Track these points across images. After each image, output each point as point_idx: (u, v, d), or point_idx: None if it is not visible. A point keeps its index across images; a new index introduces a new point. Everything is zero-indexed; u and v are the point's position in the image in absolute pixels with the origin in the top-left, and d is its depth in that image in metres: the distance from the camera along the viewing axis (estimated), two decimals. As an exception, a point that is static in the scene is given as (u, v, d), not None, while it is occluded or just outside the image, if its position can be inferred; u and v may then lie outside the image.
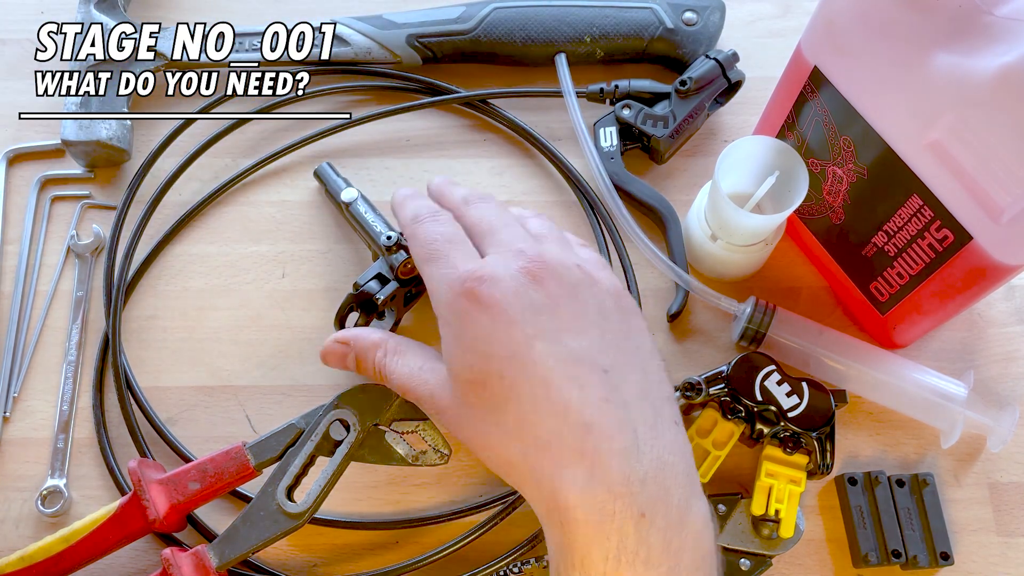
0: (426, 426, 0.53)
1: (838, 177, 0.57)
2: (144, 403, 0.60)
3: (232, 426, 0.60)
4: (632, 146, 0.68)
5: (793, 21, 0.75)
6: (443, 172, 0.69)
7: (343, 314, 0.59)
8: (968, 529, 0.58)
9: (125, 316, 0.63)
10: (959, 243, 0.50)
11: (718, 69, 0.67)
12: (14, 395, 0.60)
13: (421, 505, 0.58)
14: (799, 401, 0.56)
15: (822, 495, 0.59)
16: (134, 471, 0.52)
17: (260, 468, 0.53)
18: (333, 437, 0.53)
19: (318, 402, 0.54)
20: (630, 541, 0.38)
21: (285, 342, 0.62)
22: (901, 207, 0.52)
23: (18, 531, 0.57)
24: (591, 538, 0.38)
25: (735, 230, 0.59)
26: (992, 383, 0.62)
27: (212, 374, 0.61)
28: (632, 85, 0.68)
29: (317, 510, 0.52)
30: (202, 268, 0.65)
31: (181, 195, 0.67)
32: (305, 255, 0.65)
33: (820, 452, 0.56)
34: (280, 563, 0.56)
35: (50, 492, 0.57)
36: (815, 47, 0.53)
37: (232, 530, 0.51)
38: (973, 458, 0.60)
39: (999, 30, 0.44)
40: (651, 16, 0.70)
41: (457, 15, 0.70)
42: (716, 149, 0.68)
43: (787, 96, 0.57)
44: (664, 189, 0.67)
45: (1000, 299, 0.65)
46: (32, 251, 0.65)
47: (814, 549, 0.57)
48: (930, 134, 0.48)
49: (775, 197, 0.59)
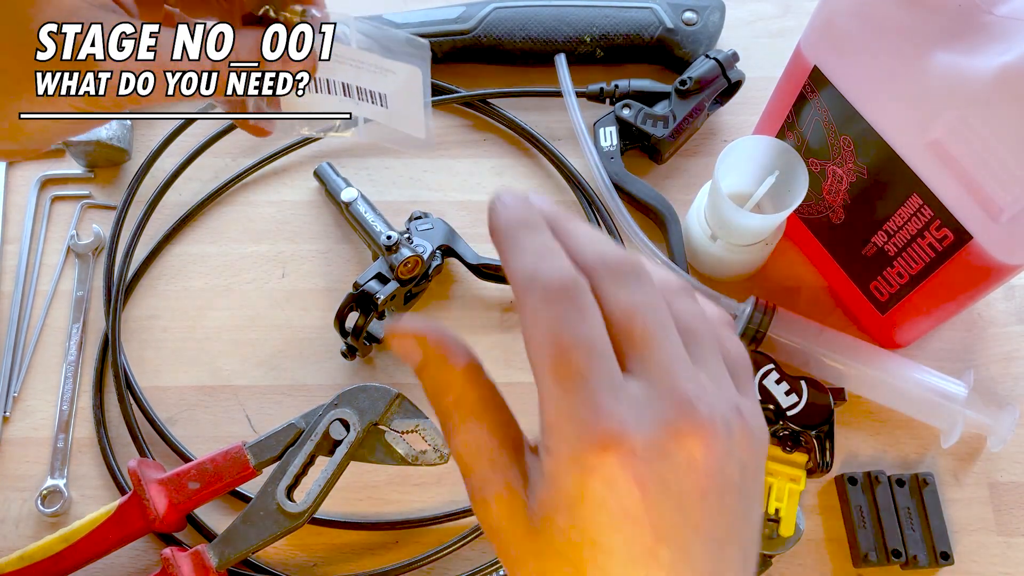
0: (426, 426, 0.53)
1: (838, 177, 0.57)
2: (144, 403, 0.60)
3: (232, 426, 0.60)
4: (632, 146, 0.68)
5: (793, 21, 0.75)
6: (443, 172, 0.68)
7: (343, 314, 0.59)
8: (968, 529, 0.58)
9: (125, 316, 0.63)
10: (959, 243, 0.50)
11: (718, 69, 0.67)
12: (14, 395, 0.60)
13: (421, 505, 0.58)
14: (798, 400, 0.56)
15: (822, 495, 0.59)
16: (134, 471, 0.52)
17: (260, 468, 0.53)
18: (333, 437, 0.53)
19: (318, 402, 0.54)
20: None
21: (285, 342, 0.62)
22: (901, 207, 0.52)
23: (18, 531, 0.57)
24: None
25: (735, 230, 0.59)
26: (992, 383, 0.62)
27: (212, 374, 0.61)
28: (632, 85, 0.68)
29: (317, 510, 0.52)
30: (202, 268, 0.65)
31: (181, 195, 0.67)
32: (305, 255, 0.65)
33: (819, 450, 0.56)
34: (280, 563, 0.56)
35: (50, 492, 0.57)
36: (815, 47, 0.53)
37: (232, 530, 0.51)
38: (973, 458, 0.60)
39: (999, 29, 0.44)
40: (651, 16, 0.70)
41: (457, 15, 0.70)
42: (716, 149, 0.68)
43: (787, 96, 0.57)
44: (664, 189, 0.67)
45: (1000, 299, 0.65)
46: (32, 251, 0.65)
47: (814, 548, 0.57)
48: (930, 133, 0.48)
49: (775, 197, 0.59)
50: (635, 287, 0.35)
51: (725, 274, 0.64)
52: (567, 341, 0.32)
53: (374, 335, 0.61)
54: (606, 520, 0.31)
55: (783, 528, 0.54)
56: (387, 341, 0.41)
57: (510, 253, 0.35)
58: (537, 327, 0.33)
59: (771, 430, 0.56)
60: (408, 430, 0.53)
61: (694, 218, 0.63)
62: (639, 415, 0.32)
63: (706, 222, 0.62)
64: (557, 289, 0.33)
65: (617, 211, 0.64)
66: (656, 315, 0.35)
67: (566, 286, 0.33)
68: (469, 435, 0.34)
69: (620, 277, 0.35)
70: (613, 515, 0.31)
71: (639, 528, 0.32)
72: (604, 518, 0.31)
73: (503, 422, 0.34)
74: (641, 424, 0.31)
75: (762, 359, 0.57)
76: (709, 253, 0.62)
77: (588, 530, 0.32)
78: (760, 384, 0.56)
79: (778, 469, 0.56)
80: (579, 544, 0.32)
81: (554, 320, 0.32)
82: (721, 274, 0.64)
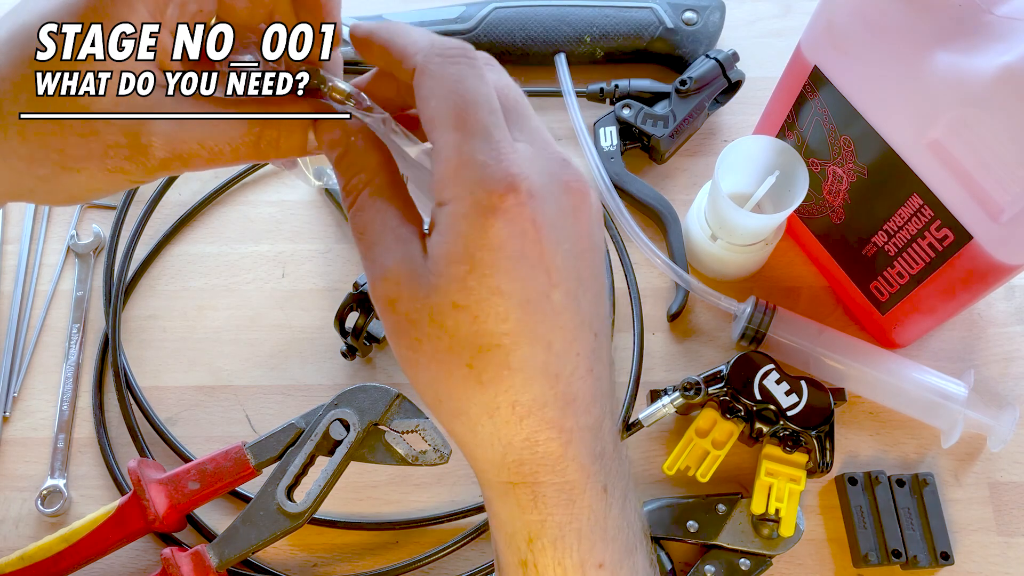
0: (426, 426, 0.53)
1: (838, 177, 0.57)
2: (144, 403, 0.60)
3: (232, 426, 0.60)
4: (632, 146, 0.68)
5: (793, 21, 0.75)
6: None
7: (343, 314, 0.59)
8: (968, 529, 0.58)
9: (125, 316, 0.63)
10: (959, 243, 0.50)
11: (718, 69, 0.67)
12: (14, 395, 0.60)
13: (421, 505, 0.58)
14: (798, 400, 0.56)
15: (822, 495, 0.59)
16: (134, 471, 0.52)
17: (260, 468, 0.53)
18: (333, 437, 0.53)
19: (318, 402, 0.54)
20: (599, 516, 0.37)
21: (285, 342, 0.62)
22: (901, 207, 0.52)
23: (18, 531, 0.57)
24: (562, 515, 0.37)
25: (735, 230, 0.59)
26: (992, 383, 0.62)
27: (212, 374, 0.61)
28: (632, 85, 0.68)
29: (317, 510, 0.52)
30: (202, 268, 0.65)
31: (181, 195, 0.67)
32: (305, 255, 0.65)
33: (820, 450, 0.56)
34: (280, 563, 0.56)
35: (50, 492, 0.57)
36: (815, 47, 0.53)
37: (232, 530, 0.51)
38: (973, 458, 0.60)
39: (999, 29, 0.44)
40: (651, 16, 0.70)
41: (457, 15, 0.70)
42: (716, 149, 0.68)
43: (787, 96, 0.57)
44: (664, 189, 0.67)
45: (1000, 299, 0.65)
46: (32, 251, 0.65)
47: (814, 549, 0.57)
48: (930, 133, 0.48)
49: (775, 197, 0.59)
50: (496, 68, 0.39)
51: (725, 274, 0.64)
52: (471, 97, 0.35)
53: (374, 335, 0.61)
54: (505, 263, 0.34)
55: (783, 528, 0.54)
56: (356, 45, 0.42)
57: (404, 36, 0.38)
58: (441, 86, 0.35)
59: (771, 430, 0.56)
60: (408, 430, 0.53)
61: (694, 218, 0.63)
62: (531, 166, 0.35)
63: (706, 222, 0.62)
64: (458, 53, 0.36)
65: (617, 211, 0.64)
66: (518, 91, 0.39)
67: (465, 51, 0.36)
68: (376, 212, 0.36)
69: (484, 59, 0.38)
70: (511, 257, 0.34)
71: (535, 271, 0.34)
72: (503, 261, 0.34)
73: (408, 204, 0.37)
74: (534, 173, 0.35)
75: (762, 359, 0.57)
76: (709, 253, 0.62)
77: (487, 275, 0.34)
78: (760, 384, 0.56)
79: (778, 470, 0.56)
80: (476, 290, 0.33)
81: (458, 79, 0.35)
82: (721, 274, 0.64)
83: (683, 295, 0.62)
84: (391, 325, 0.35)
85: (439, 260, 0.34)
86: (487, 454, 0.36)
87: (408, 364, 0.36)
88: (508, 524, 0.38)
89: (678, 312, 0.63)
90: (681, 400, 0.57)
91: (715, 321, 0.64)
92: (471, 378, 0.35)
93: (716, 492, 0.57)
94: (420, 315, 0.34)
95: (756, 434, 0.57)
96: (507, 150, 0.35)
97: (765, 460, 0.56)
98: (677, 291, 0.63)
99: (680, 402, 0.57)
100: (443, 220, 0.34)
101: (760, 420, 0.56)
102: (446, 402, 0.36)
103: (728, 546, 0.55)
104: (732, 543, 0.55)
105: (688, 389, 0.57)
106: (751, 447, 0.59)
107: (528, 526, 0.37)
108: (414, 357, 0.35)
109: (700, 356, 0.63)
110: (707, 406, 0.58)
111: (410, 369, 0.36)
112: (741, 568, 0.55)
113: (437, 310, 0.34)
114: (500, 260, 0.34)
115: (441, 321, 0.34)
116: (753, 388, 0.56)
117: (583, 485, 0.37)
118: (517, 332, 0.34)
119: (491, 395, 0.35)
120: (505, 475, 0.37)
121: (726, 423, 0.57)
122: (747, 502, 0.56)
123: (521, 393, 0.35)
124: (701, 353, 0.63)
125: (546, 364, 0.35)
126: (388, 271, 0.35)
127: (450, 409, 0.36)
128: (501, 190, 0.34)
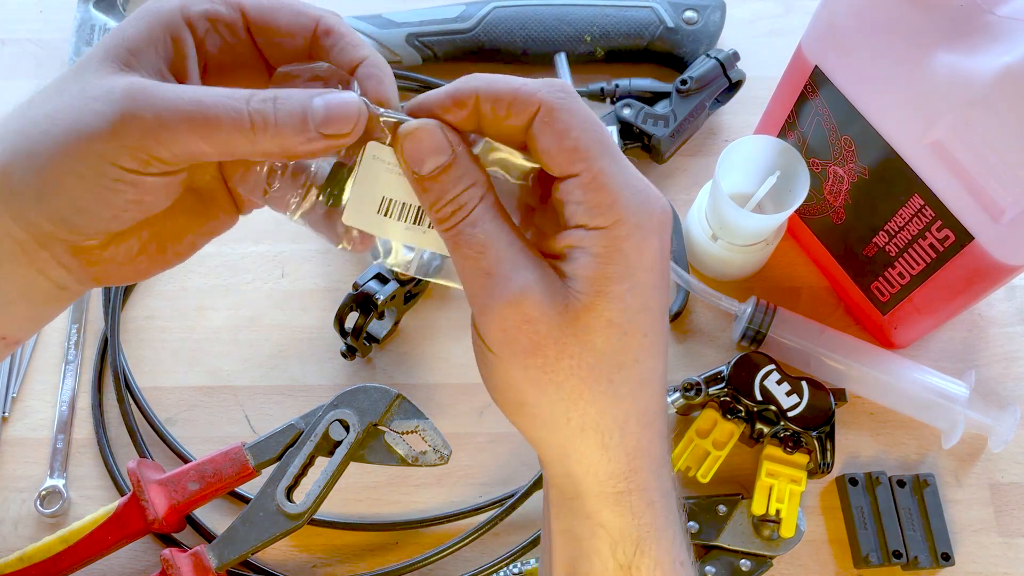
0: (426, 427, 0.53)
1: (839, 177, 0.56)
2: (143, 403, 0.59)
3: (232, 426, 0.60)
4: (632, 145, 0.68)
5: (794, 20, 0.75)
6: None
7: (343, 314, 0.59)
8: (969, 529, 0.58)
9: (124, 316, 0.63)
10: (960, 243, 0.50)
11: (719, 68, 0.67)
12: (13, 395, 0.60)
13: (421, 505, 0.58)
14: (799, 400, 0.56)
15: (823, 496, 0.59)
16: (133, 471, 0.52)
17: (259, 468, 0.53)
18: (333, 437, 0.53)
19: (318, 402, 0.54)
20: (678, 514, 0.40)
21: (285, 342, 0.62)
22: (902, 207, 0.52)
23: (17, 531, 0.56)
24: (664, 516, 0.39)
25: (736, 230, 0.59)
26: (993, 383, 0.62)
27: (211, 374, 0.61)
28: (632, 84, 0.68)
29: (316, 510, 0.52)
30: (201, 268, 0.65)
31: (180, 195, 0.67)
32: (305, 255, 0.65)
33: (820, 451, 0.56)
34: (280, 563, 0.56)
35: (49, 492, 0.57)
36: (816, 46, 0.53)
37: (231, 531, 0.51)
38: (974, 458, 0.60)
39: (1000, 30, 0.44)
40: (651, 15, 0.70)
41: (457, 14, 0.70)
42: (717, 149, 0.68)
43: (788, 96, 0.57)
44: (664, 189, 0.67)
45: (1001, 299, 0.65)
46: (31, 251, 0.65)
47: (815, 550, 0.57)
48: (931, 134, 0.47)
49: (776, 197, 0.59)
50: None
51: (726, 274, 0.64)
52: (604, 128, 0.37)
53: (374, 335, 0.61)
54: (656, 281, 0.36)
55: (784, 529, 0.54)
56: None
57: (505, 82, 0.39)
58: (577, 118, 0.36)
59: (772, 431, 0.56)
60: (408, 431, 0.53)
61: (695, 218, 0.63)
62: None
63: (707, 222, 0.62)
64: (566, 86, 0.37)
65: (617, 211, 0.64)
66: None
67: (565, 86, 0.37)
68: (497, 228, 0.36)
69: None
70: (661, 275, 0.36)
71: (664, 288, 0.37)
72: (656, 279, 0.36)
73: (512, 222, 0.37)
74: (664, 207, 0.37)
75: (763, 359, 0.57)
76: (710, 253, 0.62)
77: (641, 293, 0.35)
78: (761, 385, 0.56)
79: (779, 470, 0.56)
80: (631, 308, 0.35)
81: (587, 111, 0.37)
82: (722, 274, 0.64)
83: (683, 295, 0.62)
84: (518, 347, 0.35)
85: (595, 281, 0.35)
86: (608, 466, 0.37)
87: (531, 385, 0.36)
88: (616, 532, 0.38)
89: (678, 312, 0.62)
90: (682, 401, 0.57)
91: (715, 321, 0.64)
92: (608, 393, 0.36)
93: (717, 493, 0.57)
94: (562, 334, 0.35)
95: (757, 435, 0.57)
96: (643, 175, 0.38)
97: (766, 461, 0.56)
98: (677, 291, 0.63)
99: (681, 403, 0.57)
100: (599, 242, 0.35)
101: (761, 421, 0.56)
102: (575, 419, 0.36)
103: (729, 547, 0.55)
104: (733, 544, 0.55)
105: (689, 389, 0.57)
106: (752, 448, 0.59)
107: (639, 530, 0.38)
108: (544, 378, 0.35)
109: (700, 356, 0.63)
110: (708, 407, 0.58)
111: (532, 389, 0.36)
112: (742, 569, 0.55)
113: (586, 328, 0.35)
114: (653, 279, 0.36)
115: (590, 339, 0.35)
116: (754, 388, 0.56)
117: (671, 486, 0.39)
118: (650, 346, 0.36)
119: (624, 408, 0.36)
120: (622, 484, 0.37)
121: (727, 424, 0.57)
122: (748, 503, 0.56)
123: (650, 404, 0.37)
124: (701, 353, 0.63)
125: (663, 375, 0.37)
126: (526, 292, 0.34)
127: (578, 425, 0.36)
128: (659, 213, 0.36)
